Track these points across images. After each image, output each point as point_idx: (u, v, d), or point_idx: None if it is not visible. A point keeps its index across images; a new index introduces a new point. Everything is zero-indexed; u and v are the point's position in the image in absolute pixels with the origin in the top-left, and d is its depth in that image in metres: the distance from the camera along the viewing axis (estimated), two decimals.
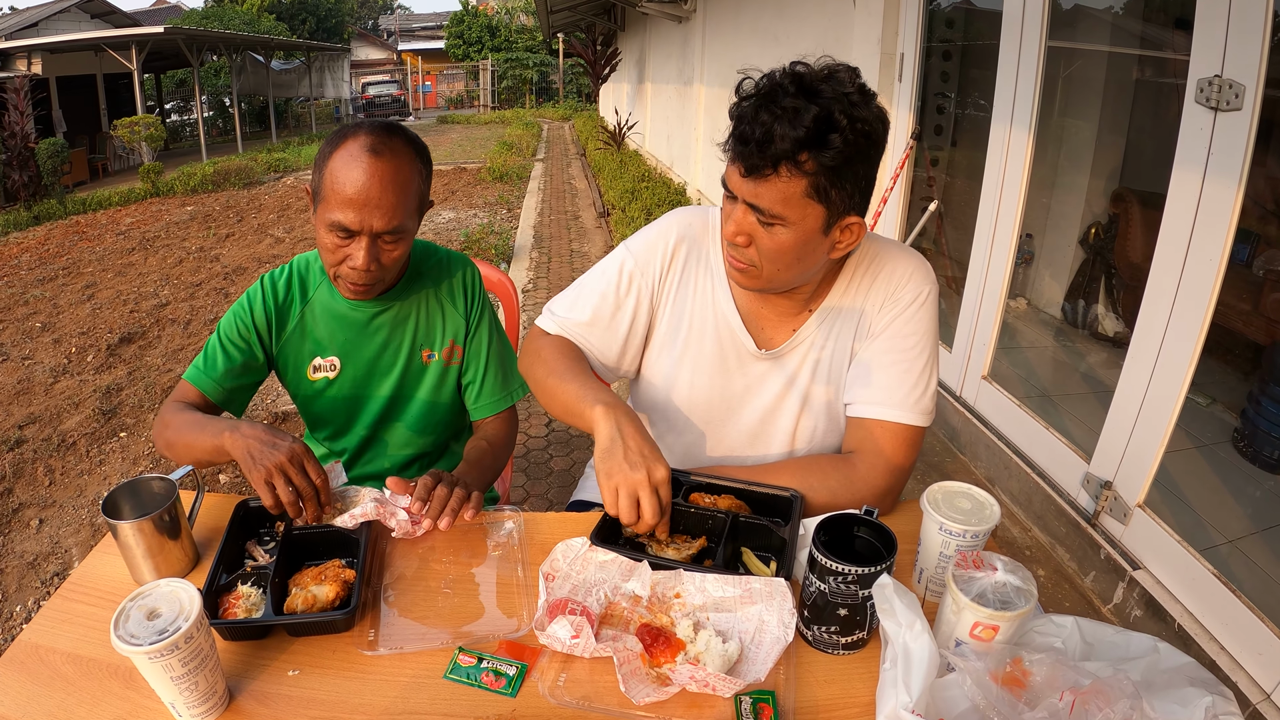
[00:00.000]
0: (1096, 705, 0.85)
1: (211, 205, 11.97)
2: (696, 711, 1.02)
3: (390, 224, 1.50)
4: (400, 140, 1.53)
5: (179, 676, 0.95)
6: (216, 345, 1.69)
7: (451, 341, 1.80)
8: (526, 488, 3.63)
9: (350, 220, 1.47)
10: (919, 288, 1.50)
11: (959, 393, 3.81)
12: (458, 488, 1.42)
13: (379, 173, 1.47)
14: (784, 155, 1.22)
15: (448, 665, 1.09)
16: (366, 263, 1.52)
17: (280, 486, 1.29)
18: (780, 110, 1.20)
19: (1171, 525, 2.55)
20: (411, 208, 1.55)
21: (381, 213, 1.48)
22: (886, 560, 1.05)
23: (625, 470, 1.24)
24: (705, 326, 1.56)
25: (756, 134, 1.21)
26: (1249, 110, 2.20)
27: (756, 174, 1.25)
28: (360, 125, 1.54)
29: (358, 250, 1.51)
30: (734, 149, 1.27)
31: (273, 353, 1.74)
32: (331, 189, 1.48)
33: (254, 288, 1.72)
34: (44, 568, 3.17)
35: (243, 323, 1.70)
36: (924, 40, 4.25)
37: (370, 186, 1.46)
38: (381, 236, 1.52)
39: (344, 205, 1.47)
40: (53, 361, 5.42)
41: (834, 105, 1.20)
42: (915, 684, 0.90)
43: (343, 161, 1.48)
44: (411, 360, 1.79)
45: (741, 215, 1.33)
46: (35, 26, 17.62)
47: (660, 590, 1.20)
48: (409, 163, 1.53)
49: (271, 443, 1.34)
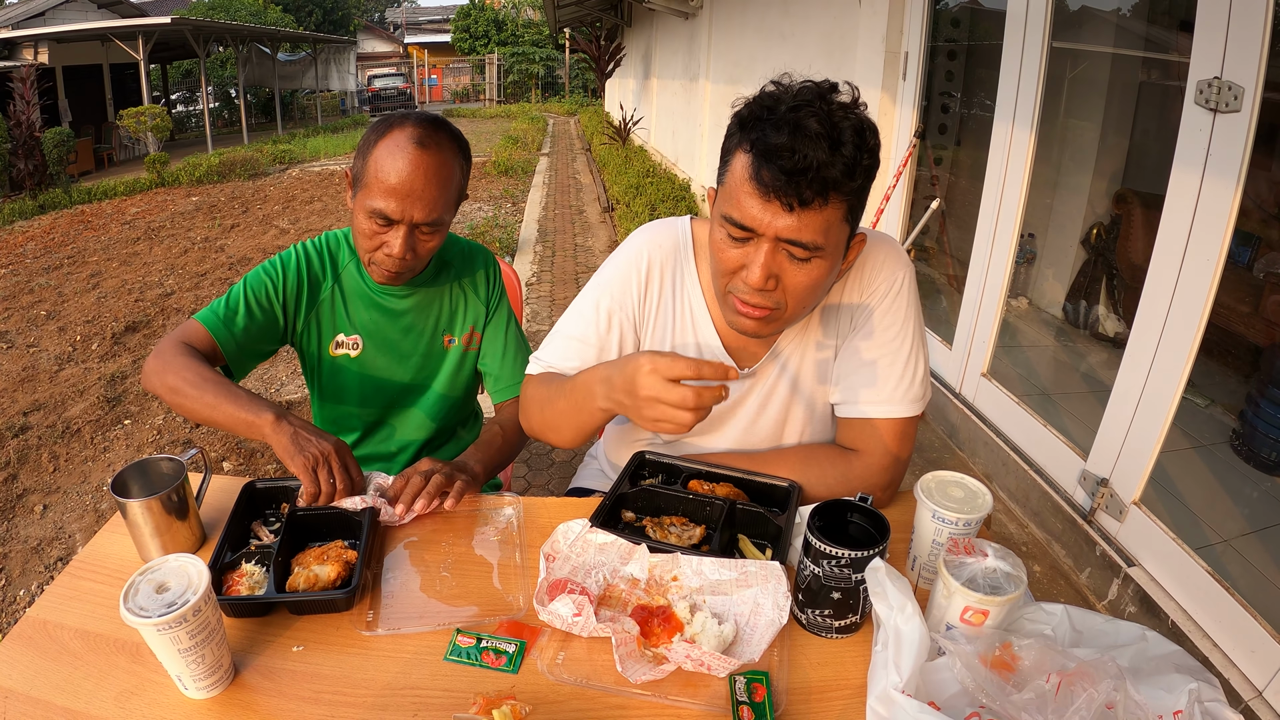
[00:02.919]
0: (1081, 686, 0.87)
1: (217, 196, 11.98)
2: (692, 690, 1.04)
3: (430, 215, 1.53)
4: (445, 134, 1.56)
5: (186, 649, 0.97)
6: (240, 298, 1.65)
7: (471, 328, 1.84)
8: (528, 478, 3.65)
9: (392, 209, 1.50)
10: (894, 274, 1.45)
11: (958, 390, 3.82)
12: (438, 475, 1.44)
13: (424, 165, 1.50)
14: (834, 183, 1.14)
15: (447, 647, 1.11)
16: (403, 251, 1.54)
17: (323, 477, 1.35)
18: (816, 134, 1.13)
19: (1167, 523, 2.57)
20: (451, 201, 1.59)
21: (423, 204, 1.52)
22: (880, 545, 1.07)
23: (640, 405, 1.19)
24: (687, 351, 1.52)
25: (804, 164, 1.12)
26: (1248, 112, 2.21)
27: (805, 206, 1.16)
28: (408, 115, 1.55)
29: (395, 239, 1.54)
30: (773, 183, 1.15)
31: (295, 324, 1.74)
32: (375, 176, 1.51)
33: (288, 253, 1.72)
34: (48, 553, 3.19)
35: (273, 284, 1.68)
36: (929, 39, 4.26)
37: (414, 177, 1.49)
38: (420, 227, 1.55)
39: (387, 194, 1.50)
40: (58, 349, 5.44)
41: (855, 122, 1.16)
42: (905, 665, 0.92)
43: (388, 150, 1.50)
44: (433, 344, 1.82)
45: (769, 256, 1.22)
46: (42, 16, 17.62)
47: (658, 573, 1.22)
48: (452, 156, 1.56)
49: (318, 434, 1.40)
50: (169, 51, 20.39)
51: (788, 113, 1.15)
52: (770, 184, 1.15)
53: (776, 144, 1.13)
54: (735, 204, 1.22)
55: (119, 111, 15.97)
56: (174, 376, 1.49)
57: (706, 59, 9.16)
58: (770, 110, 1.18)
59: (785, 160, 1.13)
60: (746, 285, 1.25)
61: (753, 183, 1.17)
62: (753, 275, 1.23)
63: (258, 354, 1.71)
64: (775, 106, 1.18)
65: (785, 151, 1.13)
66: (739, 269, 1.26)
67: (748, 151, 1.19)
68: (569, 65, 36.27)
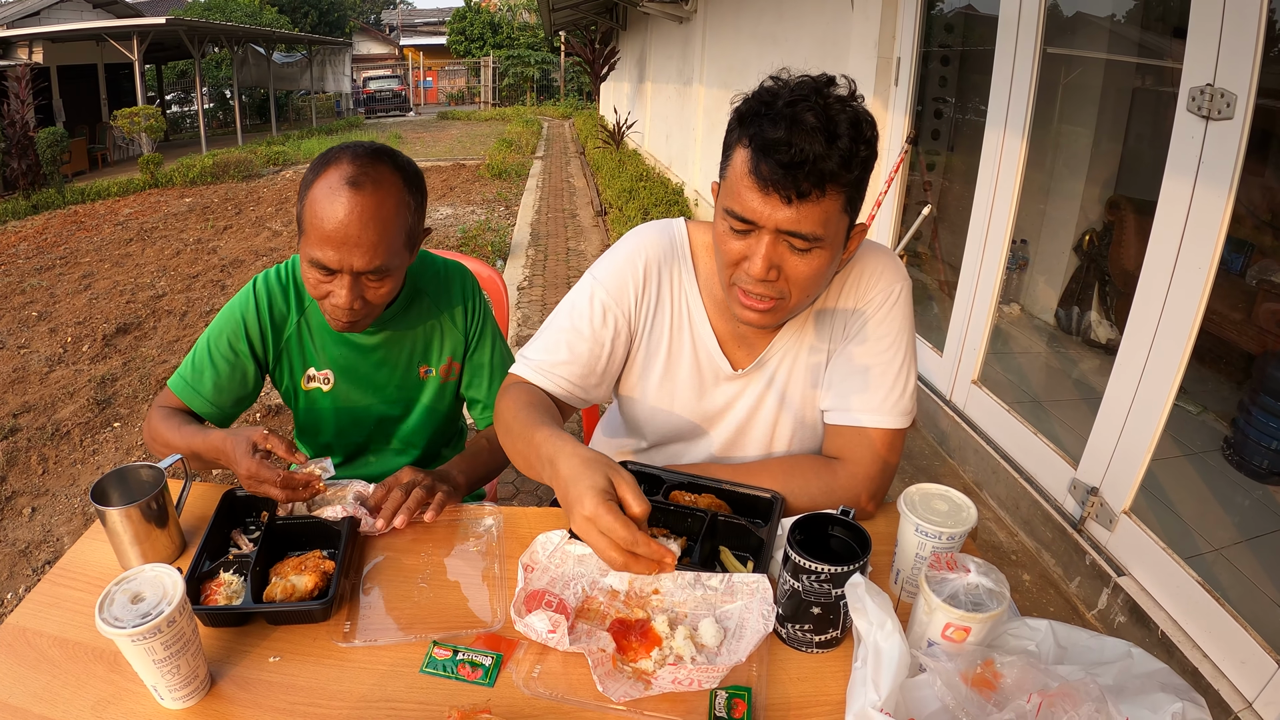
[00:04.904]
0: (1063, 707, 0.86)
1: (210, 197, 11.96)
2: (670, 705, 1.03)
3: (371, 263, 1.40)
4: (386, 168, 1.43)
5: (161, 659, 0.97)
6: (206, 359, 1.61)
7: (450, 359, 1.75)
8: (516, 483, 3.63)
9: (329, 259, 1.39)
10: (890, 286, 1.46)
11: (949, 397, 3.82)
12: (419, 489, 1.40)
13: (359, 207, 1.37)
14: (831, 174, 1.16)
15: (424, 659, 1.10)
16: (349, 301, 1.43)
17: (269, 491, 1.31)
18: (813, 127, 1.15)
19: (1157, 532, 2.56)
20: (397, 244, 1.45)
21: (362, 251, 1.39)
22: (860, 559, 1.06)
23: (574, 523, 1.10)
24: (682, 350, 1.53)
25: (801, 157, 1.14)
26: (1240, 119, 2.21)
27: (803, 198, 1.17)
28: (345, 150, 1.43)
29: (340, 288, 1.42)
30: (771, 176, 1.17)
31: (266, 362, 1.68)
32: (310, 223, 1.39)
33: (246, 297, 1.63)
34: (35, 555, 3.18)
35: (235, 336, 1.62)
36: (921, 44, 4.26)
37: (349, 223, 1.36)
38: (364, 276, 1.43)
39: (322, 242, 1.38)
40: (48, 351, 5.43)
41: (852, 114, 1.18)
42: (885, 683, 0.91)
43: (322, 193, 1.38)
44: (408, 377, 1.74)
45: (770, 247, 1.24)
46: (37, 15, 17.58)
47: (638, 586, 1.21)
48: (394, 195, 1.43)
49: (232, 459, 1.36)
50: (164, 52, 20.39)
51: (784, 107, 1.17)
52: (769, 177, 1.17)
53: (774, 138, 1.16)
54: (736, 197, 1.24)
55: (113, 112, 15.97)
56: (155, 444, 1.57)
57: (700, 63, 9.17)
58: (767, 105, 1.20)
59: (782, 154, 1.15)
60: (749, 276, 1.27)
61: (752, 176, 1.20)
62: (755, 266, 1.25)
63: (238, 403, 1.68)
64: (772, 101, 1.20)
65: (782, 145, 1.15)
66: (742, 260, 1.28)
67: (746, 146, 1.21)
68: (564, 69, 36.32)
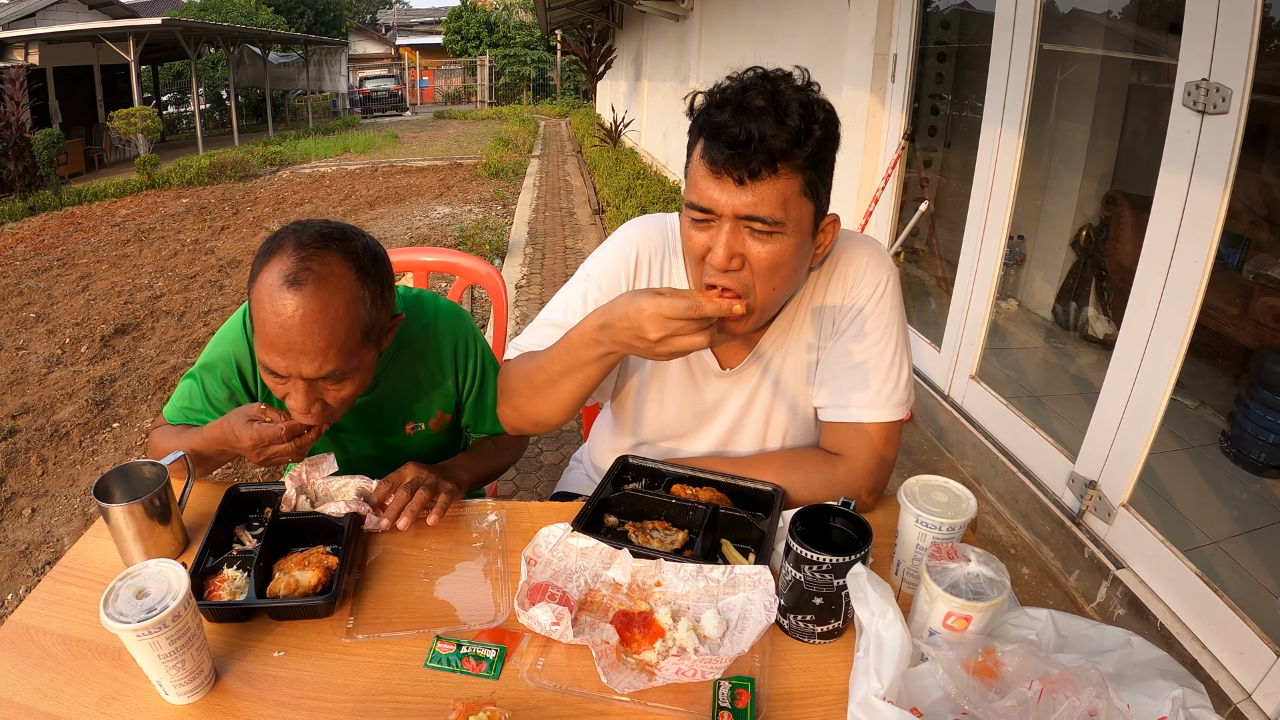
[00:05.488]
0: (1064, 694, 0.86)
1: (207, 198, 11.94)
2: (674, 696, 1.04)
3: (321, 370, 1.26)
4: (335, 258, 1.26)
5: (166, 654, 0.97)
6: (200, 394, 1.55)
7: (440, 413, 1.66)
8: (516, 481, 3.64)
9: (275, 364, 1.26)
10: (877, 277, 1.45)
11: (947, 392, 3.83)
12: (422, 489, 1.37)
13: (300, 311, 1.21)
14: (781, 152, 1.16)
15: (427, 653, 1.10)
16: (306, 407, 1.30)
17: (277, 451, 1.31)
18: (760, 109, 1.16)
19: (1156, 525, 2.57)
20: (351, 345, 1.29)
21: (309, 358, 1.24)
22: (862, 550, 1.07)
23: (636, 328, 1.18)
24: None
25: (746, 135, 1.15)
26: (1236, 114, 2.22)
27: (755, 178, 1.17)
28: (290, 236, 1.27)
29: (295, 394, 1.30)
30: (721, 159, 1.18)
31: (255, 395, 1.57)
32: (255, 323, 1.26)
33: (236, 334, 1.53)
34: (35, 556, 3.18)
35: (227, 374, 1.53)
36: (918, 41, 4.26)
37: (291, 328, 1.21)
38: (318, 380, 1.30)
39: (266, 347, 1.25)
40: (46, 352, 5.42)
41: (803, 96, 1.19)
42: (887, 672, 0.92)
43: (264, 291, 1.23)
44: (395, 432, 1.65)
45: (730, 236, 1.23)
46: (33, 17, 17.57)
47: (641, 578, 1.21)
48: (342, 291, 1.25)
49: (235, 436, 1.35)
50: (160, 53, 20.37)
51: (734, 94, 1.20)
52: (720, 160, 1.18)
53: (721, 120, 1.18)
54: (693, 188, 1.26)
55: (109, 113, 15.94)
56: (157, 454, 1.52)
57: (697, 61, 9.17)
58: (719, 94, 1.23)
59: (729, 134, 1.17)
60: (713, 268, 1.26)
61: (704, 163, 1.22)
62: (716, 256, 1.24)
63: None
64: (725, 90, 1.23)
65: (730, 127, 1.17)
66: (706, 253, 1.27)
67: (698, 137, 1.24)
68: (560, 67, 36.28)
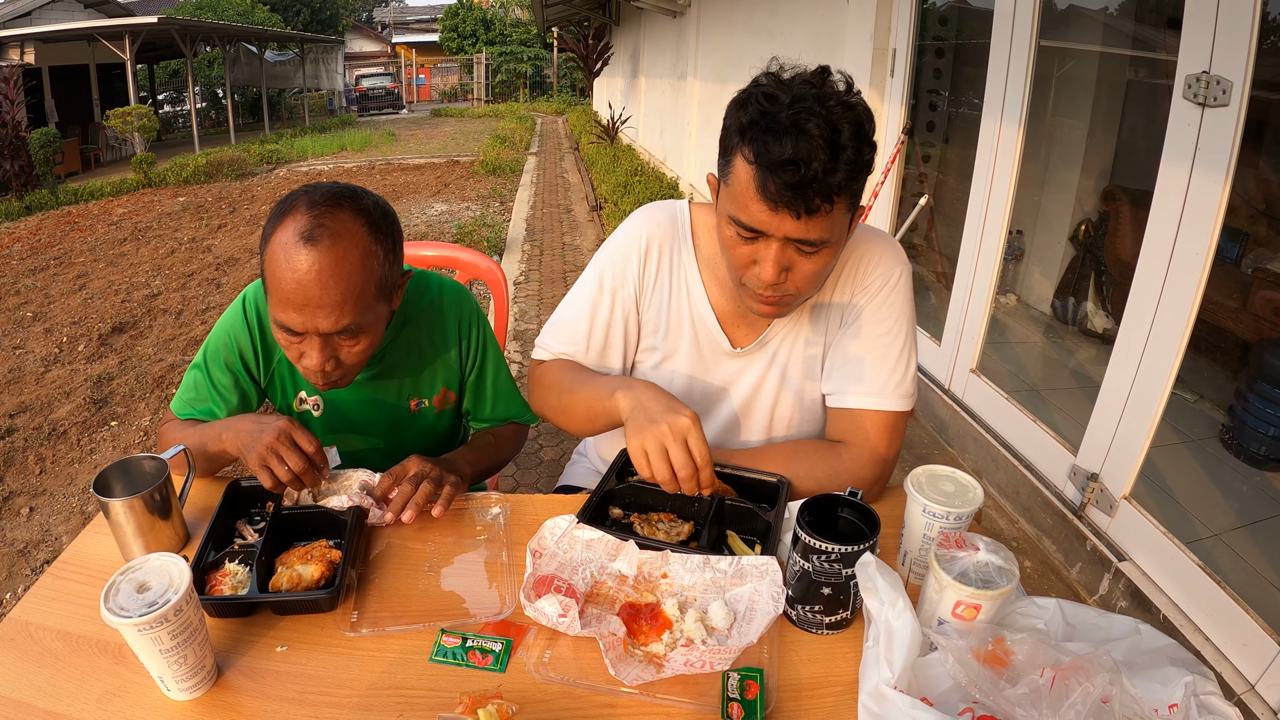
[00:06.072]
0: (1076, 680, 0.86)
1: (204, 196, 11.92)
2: (681, 688, 1.03)
3: (338, 324, 1.29)
4: (347, 215, 1.30)
5: (168, 649, 0.96)
6: (206, 384, 1.56)
7: (443, 390, 1.69)
8: (516, 477, 3.63)
9: (292, 321, 1.29)
10: (890, 270, 1.47)
11: (948, 386, 3.82)
12: (426, 482, 1.36)
13: (317, 266, 1.25)
14: (837, 187, 1.16)
15: (432, 647, 1.10)
16: (321, 363, 1.33)
17: (275, 466, 1.27)
18: (817, 139, 1.13)
19: (1158, 518, 2.57)
20: (366, 299, 1.32)
21: (325, 312, 1.28)
22: (870, 539, 1.06)
23: (648, 426, 1.22)
24: (683, 328, 1.55)
25: (808, 177, 1.13)
26: (1236, 106, 2.21)
27: (812, 214, 1.18)
28: (302, 197, 1.31)
29: (310, 350, 1.33)
30: (778, 195, 1.16)
31: (260, 381, 1.61)
32: (270, 282, 1.29)
33: (236, 317, 1.55)
34: (34, 555, 3.16)
35: (230, 358, 1.55)
36: (916, 37, 4.26)
37: (308, 284, 1.25)
38: (333, 336, 1.33)
39: (283, 304, 1.28)
40: (44, 351, 5.40)
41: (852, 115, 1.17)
42: (897, 661, 0.91)
43: (279, 250, 1.26)
44: (398, 412, 1.67)
45: (779, 253, 1.24)
46: (29, 16, 17.51)
47: (646, 570, 1.21)
48: (356, 245, 1.29)
49: (257, 429, 1.32)
50: (156, 51, 20.30)
51: (788, 118, 1.14)
52: (777, 197, 1.16)
53: (780, 158, 1.14)
54: (743, 209, 1.23)
55: (105, 112, 15.87)
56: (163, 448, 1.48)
57: (695, 58, 9.16)
58: (770, 116, 1.17)
59: (789, 175, 1.14)
60: (760, 281, 1.28)
61: (759, 192, 1.18)
62: (766, 272, 1.26)
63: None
64: (774, 112, 1.16)
65: (789, 166, 1.13)
66: (751, 264, 1.29)
67: (751, 162, 1.19)
68: (557, 65, 36.28)
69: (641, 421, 1.23)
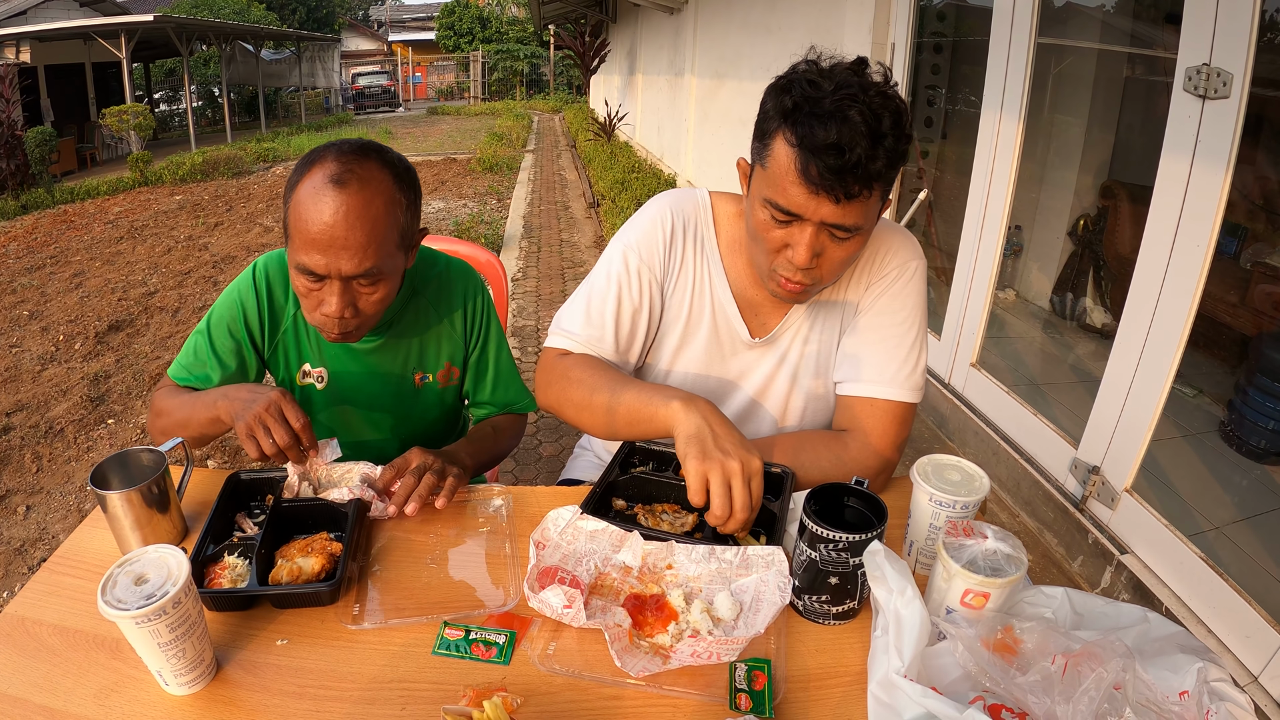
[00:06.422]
0: (1089, 666, 0.85)
1: (200, 194, 11.90)
2: (689, 679, 1.02)
3: (361, 266, 1.33)
4: (374, 164, 1.35)
5: (166, 643, 0.95)
6: (206, 344, 1.56)
7: (448, 364, 1.70)
8: (515, 473, 3.62)
9: (315, 264, 1.31)
10: (906, 262, 1.49)
11: (948, 380, 3.82)
12: (429, 474, 1.36)
13: (345, 207, 1.29)
14: (877, 174, 1.19)
15: (435, 640, 1.09)
16: (339, 309, 1.36)
17: (261, 437, 1.27)
18: (859, 127, 1.15)
19: (1159, 511, 2.56)
20: (389, 246, 1.37)
21: (350, 254, 1.31)
22: (878, 528, 1.05)
23: (718, 456, 1.17)
24: (702, 315, 1.55)
25: (852, 162, 1.15)
26: (1236, 99, 2.21)
27: (851, 199, 1.20)
28: (330, 148, 1.36)
29: (330, 296, 1.35)
30: (819, 179, 1.18)
31: (264, 352, 1.62)
32: (295, 226, 1.32)
33: (246, 283, 1.57)
34: (31, 554, 3.15)
35: (234, 322, 1.57)
36: (915, 33, 4.27)
37: (335, 224, 1.29)
38: (354, 280, 1.36)
39: (308, 246, 1.31)
40: (41, 349, 5.39)
41: (892, 106, 1.19)
42: (907, 649, 0.90)
43: (306, 194, 1.31)
44: (403, 385, 1.68)
45: (813, 237, 1.25)
46: (24, 15, 17.45)
47: (651, 561, 1.20)
48: (383, 192, 1.35)
49: (250, 397, 1.32)
50: (152, 50, 20.24)
51: (832, 105, 1.17)
52: (818, 181, 1.18)
53: (825, 142, 1.16)
54: (781, 191, 1.24)
55: (102, 110, 15.85)
56: (164, 419, 1.52)
57: (692, 54, 9.15)
58: (814, 101, 1.18)
59: (832, 159, 1.16)
60: (791, 264, 1.30)
61: (800, 175, 1.20)
62: (799, 256, 1.28)
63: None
64: (819, 98, 1.18)
65: (833, 151, 1.15)
66: (783, 247, 1.31)
67: (793, 145, 1.20)
68: (553, 62, 36.23)
69: (710, 447, 1.19)
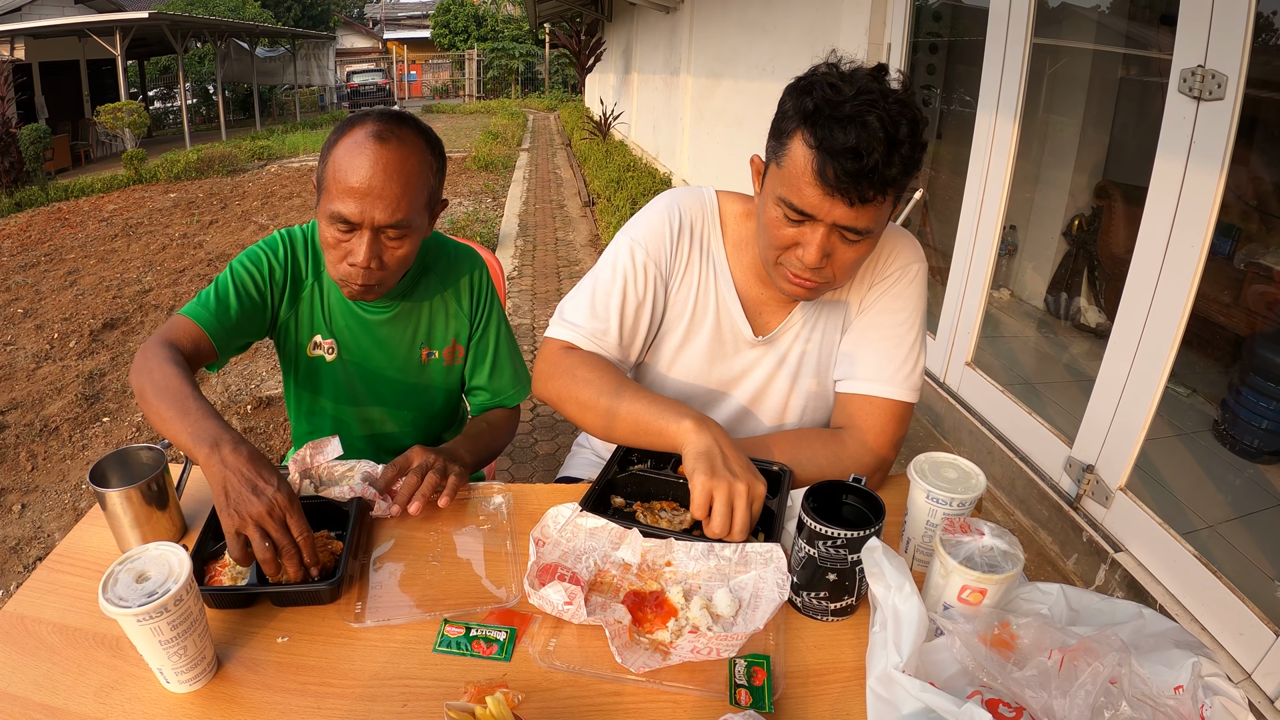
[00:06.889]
0: (1085, 661, 0.86)
1: (195, 192, 11.87)
2: (689, 675, 1.03)
3: (393, 217, 1.41)
4: (410, 130, 1.45)
5: (167, 640, 0.95)
6: (229, 287, 1.55)
7: (454, 341, 1.74)
8: (511, 471, 3.62)
9: (350, 211, 1.39)
10: (908, 263, 1.52)
11: (943, 379, 3.83)
12: (432, 473, 1.37)
13: (383, 160, 1.38)
14: (892, 180, 1.21)
15: (436, 637, 1.09)
16: (367, 259, 1.42)
17: (255, 541, 1.12)
18: (877, 132, 1.16)
19: (1153, 509, 2.57)
20: (419, 202, 1.46)
21: (385, 204, 1.39)
22: (876, 524, 1.06)
23: (727, 476, 1.21)
24: (706, 314, 1.56)
25: (869, 166, 1.17)
26: (1231, 100, 2.22)
27: (865, 203, 1.22)
28: (370, 113, 1.45)
29: (359, 245, 1.42)
30: (836, 182, 1.20)
31: (279, 314, 1.64)
32: (333, 177, 1.41)
33: (274, 240, 1.62)
34: (26, 552, 3.15)
35: (260, 273, 1.58)
36: (910, 33, 4.28)
37: (373, 175, 1.38)
38: (385, 231, 1.43)
39: (345, 194, 1.39)
40: (35, 347, 5.38)
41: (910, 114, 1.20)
42: (905, 645, 0.91)
43: (346, 149, 1.40)
44: (410, 359, 1.73)
45: (824, 238, 1.28)
46: (19, 11, 17.39)
47: (651, 558, 1.20)
48: (417, 152, 1.44)
49: (252, 485, 1.14)
50: (146, 47, 20.24)
51: (852, 110, 1.18)
52: (835, 183, 1.20)
53: (843, 146, 1.17)
54: (796, 191, 1.26)
55: (96, 108, 15.83)
56: (144, 378, 1.33)
57: (688, 53, 9.15)
58: (834, 105, 1.20)
59: (850, 163, 1.17)
60: (801, 263, 1.32)
61: (816, 177, 1.22)
62: (809, 255, 1.29)
63: (242, 345, 1.60)
64: (840, 101, 1.20)
65: (850, 155, 1.17)
66: (793, 246, 1.33)
67: (812, 147, 1.22)
68: (549, 61, 36.18)
69: (719, 466, 1.22)
